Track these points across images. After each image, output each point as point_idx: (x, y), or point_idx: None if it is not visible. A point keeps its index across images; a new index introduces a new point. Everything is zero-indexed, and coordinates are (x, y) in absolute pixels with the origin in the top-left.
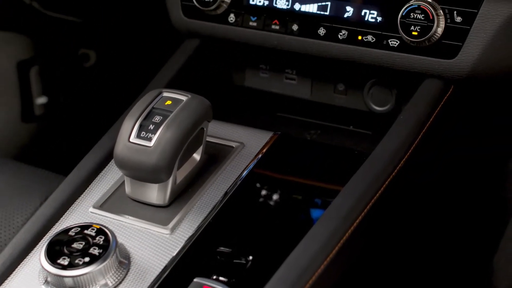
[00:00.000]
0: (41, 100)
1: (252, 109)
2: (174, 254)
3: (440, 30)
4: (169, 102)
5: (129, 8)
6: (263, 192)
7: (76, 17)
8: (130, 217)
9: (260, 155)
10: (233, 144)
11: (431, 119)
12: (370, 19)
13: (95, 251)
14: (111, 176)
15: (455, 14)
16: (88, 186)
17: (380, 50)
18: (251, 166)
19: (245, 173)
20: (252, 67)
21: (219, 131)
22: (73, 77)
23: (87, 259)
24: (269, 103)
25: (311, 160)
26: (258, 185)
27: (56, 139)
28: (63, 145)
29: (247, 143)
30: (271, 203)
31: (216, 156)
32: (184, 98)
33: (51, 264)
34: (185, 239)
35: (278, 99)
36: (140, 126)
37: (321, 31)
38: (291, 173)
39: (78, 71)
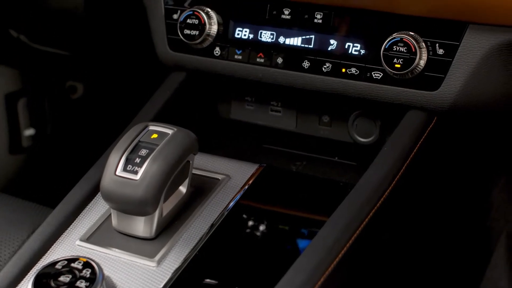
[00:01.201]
0: (29, 132)
1: (238, 141)
2: (161, 286)
3: (422, 63)
4: (155, 136)
5: (115, 41)
6: (250, 223)
7: (63, 50)
8: (116, 250)
9: (246, 187)
10: (219, 177)
11: (414, 150)
12: (353, 52)
13: (82, 284)
14: (98, 209)
15: (437, 47)
16: (75, 219)
17: (363, 82)
18: (237, 197)
19: (231, 204)
20: (238, 99)
21: (205, 164)
22: (60, 109)
23: None
24: (255, 135)
25: (297, 191)
26: (244, 216)
27: (44, 171)
28: (51, 177)
29: (233, 175)
30: (258, 233)
31: (202, 189)
32: (170, 131)
33: None
34: (172, 271)
35: (263, 131)
36: (127, 159)
37: (306, 64)
38: (277, 204)
39: (66, 103)
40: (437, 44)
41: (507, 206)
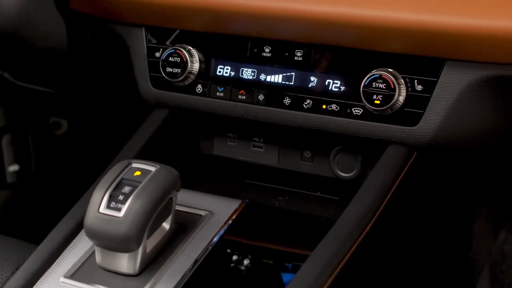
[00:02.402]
0: (13, 167)
1: (221, 177)
2: None
3: (401, 99)
4: (138, 173)
5: (99, 79)
6: (234, 258)
7: (48, 88)
8: (101, 287)
9: (229, 222)
10: (202, 213)
11: (395, 185)
12: (333, 89)
13: None
14: (81, 245)
15: (415, 83)
16: (59, 256)
17: (344, 118)
18: (221, 233)
19: (214, 240)
20: (220, 135)
21: (188, 200)
22: (44, 145)
23: None
24: (238, 171)
25: (280, 227)
26: (228, 251)
27: (28, 207)
28: (35, 214)
29: (216, 211)
30: (242, 268)
31: (185, 225)
32: (152, 168)
33: None
34: None
35: (246, 166)
36: (110, 196)
37: (287, 101)
38: (261, 239)
39: (50, 140)
40: (415, 81)
41: (489, 238)
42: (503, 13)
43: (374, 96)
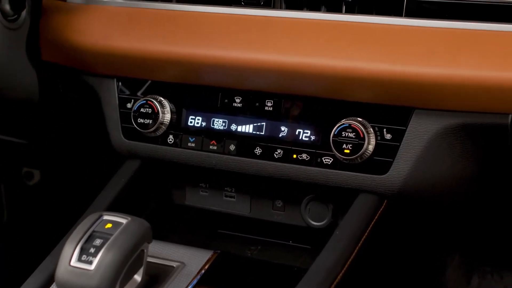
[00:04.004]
0: None
1: (193, 227)
2: None
3: (371, 147)
4: (109, 225)
5: (70, 130)
6: None
7: (20, 138)
8: None
9: (201, 273)
10: (174, 264)
11: (366, 233)
12: (304, 138)
13: None
14: None
15: (384, 132)
16: None
17: (314, 167)
18: (193, 284)
19: None
20: (192, 185)
21: (160, 251)
22: (16, 196)
23: None
24: (210, 221)
25: (252, 277)
26: None
27: None
28: (5, 267)
29: (188, 262)
30: None
31: (157, 277)
32: (124, 221)
33: None
34: None
35: (218, 216)
36: (81, 249)
37: (258, 151)
38: None
39: (22, 190)
40: (384, 129)
41: (462, 284)
42: (466, 62)
43: (344, 145)
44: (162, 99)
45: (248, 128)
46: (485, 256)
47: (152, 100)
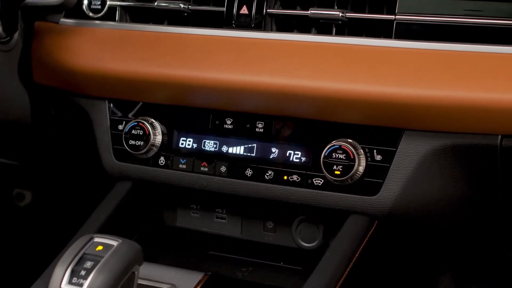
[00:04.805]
0: None
1: (184, 248)
2: None
3: (361, 169)
4: (100, 248)
5: (62, 151)
6: None
7: (11, 160)
8: None
9: None
10: (165, 286)
11: (357, 255)
12: (294, 160)
13: None
14: None
15: (375, 153)
16: None
17: (305, 189)
18: None
19: None
20: (183, 207)
21: (151, 274)
22: (7, 217)
23: None
24: (201, 242)
25: None
26: None
27: None
28: None
29: (179, 284)
30: None
31: None
32: (114, 243)
33: None
34: None
35: (209, 238)
36: (72, 272)
37: (248, 172)
38: None
39: (13, 211)
40: (374, 151)
41: None
42: (454, 84)
43: (334, 167)
44: (153, 120)
45: (239, 150)
46: (478, 274)
47: (143, 122)
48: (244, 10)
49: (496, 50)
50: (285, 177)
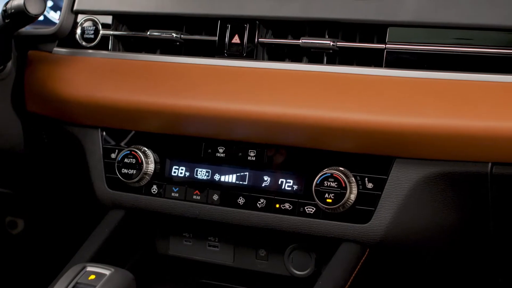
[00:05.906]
0: None
1: (176, 277)
2: None
3: (353, 197)
4: (92, 277)
5: (55, 179)
6: None
7: (4, 188)
8: None
9: None
10: None
11: (348, 283)
12: (286, 188)
13: None
14: None
15: (366, 181)
16: None
17: (297, 217)
18: None
19: None
20: (176, 235)
21: None
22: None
23: None
24: (193, 270)
25: None
26: None
27: None
28: None
29: None
30: None
31: None
32: (107, 272)
33: None
34: None
35: (201, 266)
36: None
37: (241, 200)
38: None
39: (5, 239)
40: (366, 179)
41: None
42: (444, 112)
43: (326, 195)
44: (146, 149)
45: (231, 178)
46: None
47: (136, 150)
48: (236, 39)
49: (486, 78)
50: (277, 205)
